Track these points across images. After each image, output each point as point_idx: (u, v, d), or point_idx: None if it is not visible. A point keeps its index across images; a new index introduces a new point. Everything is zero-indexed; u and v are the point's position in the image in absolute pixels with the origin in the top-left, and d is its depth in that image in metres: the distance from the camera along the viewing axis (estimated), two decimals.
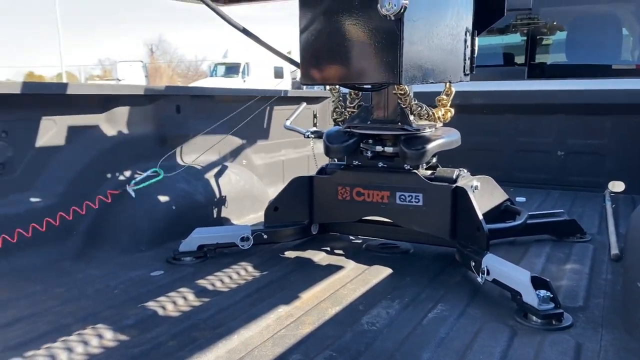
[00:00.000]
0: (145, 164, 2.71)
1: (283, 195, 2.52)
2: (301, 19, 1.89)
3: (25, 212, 2.24)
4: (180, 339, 1.59)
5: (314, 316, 1.75)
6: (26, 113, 2.27)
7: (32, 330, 1.65)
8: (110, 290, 2.00)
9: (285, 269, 2.21)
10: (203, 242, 2.36)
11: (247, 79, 23.88)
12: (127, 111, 2.70)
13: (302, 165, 3.98)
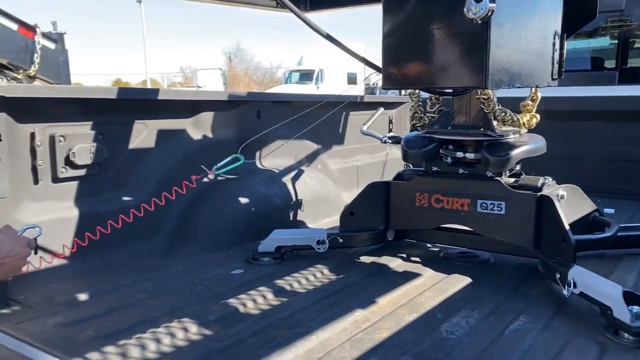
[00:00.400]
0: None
1: (359, 200, 2.53)
2: (384, 23, 1.89)
3: (118, 210, 2.38)
4: (261, 337, 1.63)
5: (391, 322, 1.74)
6: (121, 117, 2.42)
7: (124, 321, 1.75)
8: (194, 286, 2.09)
9: (360, 274, 2.22)
10: (281, 244, 2.41)
11: (321, 85, 24.15)
12: (211, 116, 2.81)
13: (376, 170, 3.97)
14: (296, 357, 1.50)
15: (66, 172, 2.21)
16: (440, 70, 1.83)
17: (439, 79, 1.84)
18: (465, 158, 2.24)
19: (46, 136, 2.14)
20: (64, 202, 2.24)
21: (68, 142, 2.19)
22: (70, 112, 2.22)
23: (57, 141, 2.15)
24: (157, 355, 1.52)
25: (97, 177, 2.33)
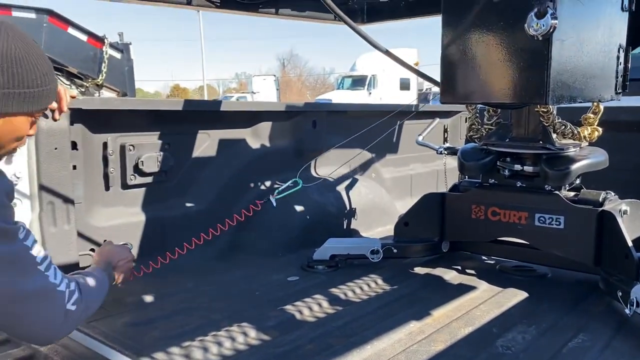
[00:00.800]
0: (283, 175, 2.89)
1: (414, 211, 2.54)
2: (444, 37, 1.91)
3: (182, 215, 2.51)
4: (317, 344, 1.67)
5: (446, 334, 1.75)
6: (185, 127, 2.54)
7: (188, 323, 1.83)
8: (252, 291, 2.17)
9: (415, 285, 2.23)
10: (335, 252, 2.45)
11: (373, 91, 24.09)
12: (269, 126, 2.90)
13: (430, 180, 3.96)
14: None
15: (135, 179, 2.34)
16: (500, 86, 1.82)
17: (498, 94, 1.83)
18: (524, 171, 2.22)
19: (117, 145, 2.28)
20: (132, 208, 2.38)
21: (137, 151, 2.32)
22: (139, 123, 2.35)
23: (127, 150, 2.29)
24: (219, 358, 1.59)
25: (163, 184, 2.45)
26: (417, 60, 23.43)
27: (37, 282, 1.20)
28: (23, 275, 1.17)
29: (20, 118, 1.28)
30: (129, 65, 7.56)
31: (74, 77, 6.93)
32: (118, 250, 1.82)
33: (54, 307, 1.25)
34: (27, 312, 1.20)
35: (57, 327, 1.28)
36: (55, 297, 1.25)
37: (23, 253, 1.17)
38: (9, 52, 1.20)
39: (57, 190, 2.01)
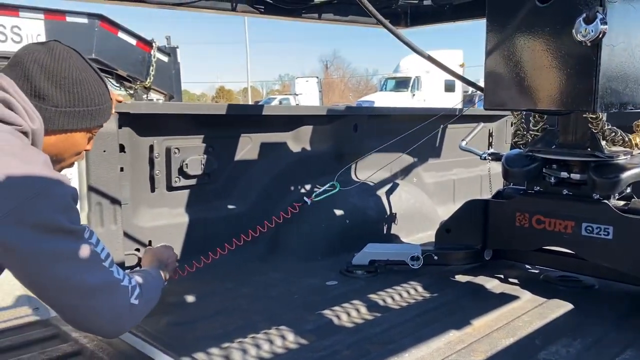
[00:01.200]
0: (323, 179, 2.89)
1: (456, 217, 2.50)
2: (488, 42, 1.88)
3: (224, 217, 2.55)
4: (354, 350, 1.67)
5: (486, 345, 1.72)
6: (228, 131, 2.59)
7: (227, 324, 1.87)
8: (291, 294, 2.18)
9: (455, 293, 2.20)
10: (374, 258, 2.44)
11: (417, 93, 23.84)
12: (310, 130, 2.92)
13: (473, 185, 3.89)
14: None
15: (179, 181, 2.40)
16: (545, 92, 1.78)
17: (544, 101, 1.78)
18: (570, 179, 2.16)
19: (163, 148, 2.34)
20: (176, 209, 2.44)
21: (182, 154, 2.37)
22: (184, 127, 2.41)
23: (172, 153, 2.35)
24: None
25: (206, 187, 2.50)
26: (462, 61, 23.06)
27: (103, 277, 1.28)
28: (90, 271, 1.24)
29: (80, 134, 1.40)
30: (175, 68, 7.74)
31: (123, 79, 7.16)
32: (164, 251, 1.91)
33: (119, 301, 1.33)
34: (95, 306, 1.27)
35: (122, 320, 1.35)
36: (120, 291, 1.33)
37: (89, 250, 1.24)
38: (68, 73, 1.32)
39: (105, 191, 2.08)
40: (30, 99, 1.27)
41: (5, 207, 1.08)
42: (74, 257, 1.21)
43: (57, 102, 1.31)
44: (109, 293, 1.30)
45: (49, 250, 1.16)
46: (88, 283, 1.24)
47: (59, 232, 1.17)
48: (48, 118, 1.30)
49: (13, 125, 1.20)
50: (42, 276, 1.19)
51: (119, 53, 6.78)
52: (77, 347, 1.67)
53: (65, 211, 1.19)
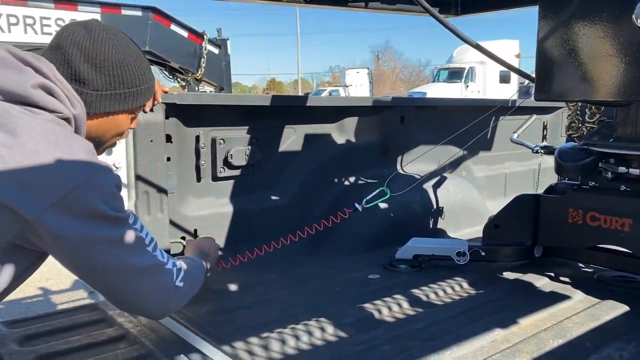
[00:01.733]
0: (368, 171, 2.87)
1: (505, 213, 2.42)
2: (540, 29, 1.78)
3: (267, 208, 2.57)
4: (394, 345, 1.64)
5: (532, 346, 1.65)
6: (272, 122, 2.59)
7: (267, 315, 1.87)
8: (332, 287, 2.17)
9: (502, 290, 2.12)
10: (419, 252, 2.39)
11: (470, 84, 23.28)
12: (355, 121, 2.88)
13: (526, 179, 3.75)
14: None
15: (224, 171, 2.42)
16: (602, 82, 1.67)
17: (600, 91, 1.68)
18: (629, 174, 2.03)
19: (209, 139, 2.37)
20: (221, 199, 2.47)
21: (227, 145, 2.40)
22: (229, 118, 2.43)
23: (217, 144, 2.37)
24: (296, 352, 1.61)
25: (250, 177, 2.52)
26: (518, 52, 22.34)
27: (148, 261, 1.32)
28: (135, 254, 1.29)
29: (122, 115, 1.41)
30: (226, 60, 7.85)
31: (175, 71, 7.32)
32: (206, 242, 1.96)
33: (164, 283, 1.38)
34: (141, 288, 1.32)
35: (168, 301, 1.40)
36: (165, 273, 1.38)
37: (134, 235, 1.28)
38: (109, 56, 1.31)
39: (152, 180, 2.13)
40: (71, 83, 1.28)
41: (51, 197, 1.11)
42: (120, 242, 1.25)
43: (97, 85, 1.31)
44: (154, 275, 1.34)
45: (96, 237, 1.19)
46: (134, 266, 1.28)
47: (104, 220, 1.20)
48: (89, 102, 1.32)
49: (54, 112, 1.21)
50: (89, 262, 1.23)
51: (172, 45, 6.93)
52: (122, 332, 1.71)
53: (110, 199, 1.21)
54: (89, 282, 1.31)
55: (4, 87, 1.16)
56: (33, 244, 1.17)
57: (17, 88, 1.17)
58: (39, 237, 1.14)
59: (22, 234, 1.12)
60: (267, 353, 1.59)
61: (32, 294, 4.74)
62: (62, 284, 4.92)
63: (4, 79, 1.17)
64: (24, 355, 1.54)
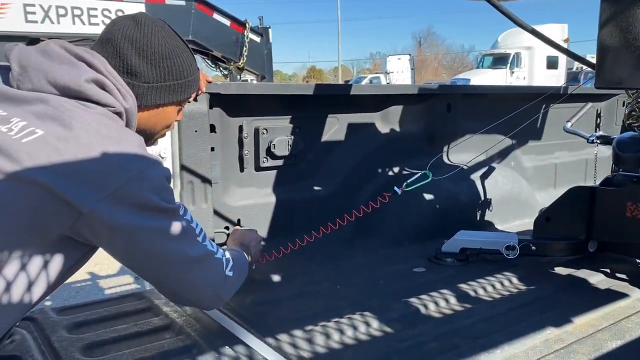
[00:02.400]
0: (413, 161, 2.80)
1: (558, 205, 2.31)
2: (602, 12, 1.67)
3: (310, 198, 2.54)
4: (442, 342, 1.59)
5: (588, 346, 1.57)
6: (315, 111, 2.55)
7: (311, 307, 1.85)
8: (376, 280, 2.13)
9: (554, 287, 2.04)
10: (466, 246, 2.32)
11: (516, 70, 22.61)
12: (400, 110, 2.82)
13: (578, 170, 3.60)
14: None
15: (267, 161, 2.41)
16: None
17: None
18: None
19: (252, 129, 2.36)
20: (264, 189, 2.45)
21: (270, 135, 2.38)
22: (272, 107, 2.40)
23: (260, 133, 2.36)
24: (340, 346, 1.58)
25: (292, 167, 2.50)
26: (567, 36, 21.54)
27: (199, 251, 1.33)
28: (187, 245, 1.30)
29: (170, 107, 1.43)
30: (267, 48, 7.84)
31: (218, 60, 7.36)
32: (249, 233, 1.94)
33: (215, 272, 1.39)
34: (193, 278, 1.33)
35: (219, 291, 1.42)
36: (215, 263, 1.39)
37: (184, 226, 1.29)
38: (158, 48, 1.32)
39: (196, 170, 2.13)
40: (123, 76, 1.29)
41: (106, 189, 1.12)
42: (172, 232, 1.25)
43: (148, 77, 1.32)
44: (206, 265, 1.36)
45: (148, 227, 1.20)
46: (186, 256, 1.29)
47: (156, 211, 1.21)
48: (141, 94, 1.33)
49: (107, 106, 1.23)
50: (142, 253, 1.24)
51: (214, 34, 6.97)
52: (167, 321, 1.72)
53: (161, 191, 1.22)
54: (142, 273, 1.32)
55: (59, 82, 1.18)
56: (84, 237, 1.18)
57: (71, 83, 1.18)
58: (92, 229, 1.15)
59: (74, 227, 1.13)
60: (311, 347, 1.57)
61: (81, 279, 4.89)
62: (109, 269, 5.06)
63: (59, 74, 1.18)
64: (73, 343, 1.57)
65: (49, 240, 1.15)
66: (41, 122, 1.13)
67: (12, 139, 1.09)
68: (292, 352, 1.53)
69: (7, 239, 1.10)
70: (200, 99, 2.04)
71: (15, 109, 1.16)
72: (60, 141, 1.10)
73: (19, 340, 1.59)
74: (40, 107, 1.15)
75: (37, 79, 1.18)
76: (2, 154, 1.08)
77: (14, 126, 1.12)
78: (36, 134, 1.10)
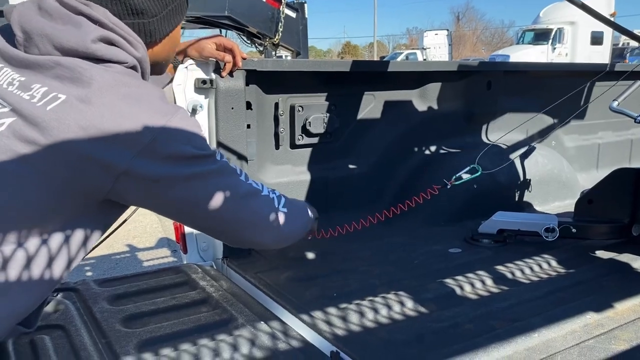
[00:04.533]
0: (451, 140, 2.75)
1: (601, 187, 2.24)
2: None
3: (345, 176, 2.53)
4: (477, 324, 1.57)
5: (630, 332, 1.53)
6: (351, 88, 2.52)
7: (345, 285, 1.86)
8: (411, 260, 2.12)
9: (595, 271, 1.98)
10: (504, 227, 2.28)
11: (558, 46, 21.84)
12: (438, 87, 2.75)
13: (622, 151, 3.48)
14: (516, 354, 1.42)
15: (302, 139, 2.40)
16: None
17: None
18: None
19: (287, 106, 2.35)
20: (299, 167, 2.45)
21: (305, 112, 2.36)
22: (308, 84, 2.38)
23: (296, 111, 2.34)
24: (375, 325, 1.58)
25: (328, 145, 2.48)
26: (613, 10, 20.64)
27: (245, 187, 1.35)
28: (230, 184, 1.30)
29: (177, 28, 1.39)
30: (303, 24, 7.73)
31: (253, 36, 7.32)
32: None
33: (266, 207, 1.41)
34: (246, 216, 1.35)
35: (275, 228, 1.43)
36: (263, 199, 1.41)
37: (225, 166, 1.31)
38: None
39: (233, 147, 2.14)
40: (128, 19, 1.24)
41: (136, 146, 1.11)
42: (212, 176, 1.25)
43: (154, 10, 1.27)
44: (256, 201, 1.37)
45: (188, 176, 1.20)
46: (232, 196, 1.29)
47: (191, 159, 1.20)
48: (152, 30, 1.29)
49: (120, 63, 1.19)
50: (189, 201, 1.24)
51: (250, 10, 6.90)
52: (204, 295, 1.76)
53: (192, 139, 1.21)
54: (194, 224, 1.35)
55: (65, 46, 1.14)
56: (126, 198, 1.19)
57: (78, 46, 1.14)
58: (134, 188, 1.15)
59: (114, 189, 1.13)
60: (346, 325, 1.57)
61: (119, 250, 5.04)
62: (147, 242, 5.19)
63: (63, 38, 1.14)
64: (113, 314, 1.62)
65: (90, 205, 1.16)
66: (62, 85, 1.11)
67: (36, 106, 1.08)
68: (326, 330, 1.54)
69: (46, 209, 1.11)
70: (236, 75, 2.04)
71: (33, 74, 1.14)
72: (84, 104, 1.08)
73: (63, 310, 1.65)
74: (58, 71, 1.12)
75: (42, 45, 1.14)
76: (30, 124, 1.07)
77: (35, 92, 1.10)
78: (59, 99, 1.09)
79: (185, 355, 1.40)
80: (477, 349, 1.41)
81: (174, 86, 1.97)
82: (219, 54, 1.92)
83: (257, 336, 1.49)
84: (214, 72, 2.01)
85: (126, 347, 1.44)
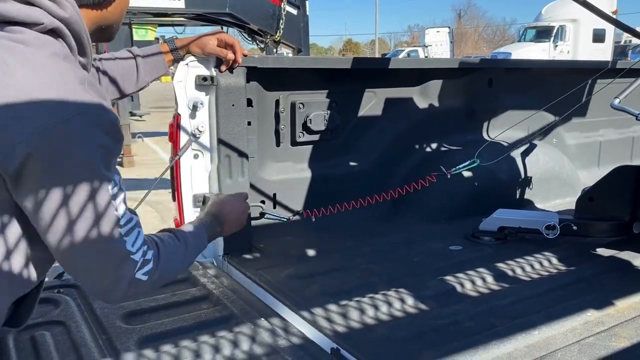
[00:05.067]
0: (452, 137, 2.75)
1: (602, 185, 2.24)
2: None
3: (346, 173, 2.53)
4: (478, 322, 1.58)
5: (630, 330, 1.53)
6: (352, 86, 2.51)
7: (345, 282, 1.86)
8: (411, 257, 2.12)
9: (596, 268, 1.98)
10: (505, 224, 2.28)
11: (560, 43, 21.77)
12: (439, 84, 2.75)
13: (623, 148, 3.48)
14: (516, 351, 1.42)
15: (303, 136, 2.40)
16: None
17: None
18: None
19: (288, 103, 2.34)
20: (299, 164, 2.45)
21: (306, 109, 2.36)
22: (309, 81, 2.38)
23: (297, 108, 2.34)
24: (375, 322, 1.59)
25: (328, 142, 2.48)
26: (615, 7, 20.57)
27: (109, 236, 1.05)
28: (97, 219, 1.02)
29: None
30: (304, 21, 7.71)
31: (254, 34, 7.31)
32: (231, 203, 1.58)
33: (121, 270, 1.08)
34: (89, 263, 1.07)
35: (117, 291, 1.10)
36: (127, 262, 1.09)
37: (102, 196, 1.02)
38: None
39: (233, 144, 2.14)
40: None
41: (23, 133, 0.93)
42: (83, 196, 0.99)
43: None
44: (110, 257, 1.07)
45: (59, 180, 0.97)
46: (90, 235, 1.02)
47: (71, 165, 0.97)
48: None
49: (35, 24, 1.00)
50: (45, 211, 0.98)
51: (251, 7, 6.89)
52: (205, 292, 1.76)
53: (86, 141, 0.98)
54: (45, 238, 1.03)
55: None
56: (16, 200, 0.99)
57: None
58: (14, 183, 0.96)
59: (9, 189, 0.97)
60: (346, 322, 1.58)
61: None
62: None
63: None
64: (114, 311, 1.62)
65: None
66: None
67: None
68: (326, 326, 1.54)
69: None
70: (237, 72, 2.04)
71: None
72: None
73: (63, 306, 1.65)
74: None
75: None
76: None
77: None
78: None
79: (186, 352, 1.40)
80: (477, 346, 1.41)
81: (174, 83, 1.97)
82: (222, 51, 1.91)
83: (257, 333, 1.50)
84: (215, 68, 2.01)
85: (127, 344, 1.45)
